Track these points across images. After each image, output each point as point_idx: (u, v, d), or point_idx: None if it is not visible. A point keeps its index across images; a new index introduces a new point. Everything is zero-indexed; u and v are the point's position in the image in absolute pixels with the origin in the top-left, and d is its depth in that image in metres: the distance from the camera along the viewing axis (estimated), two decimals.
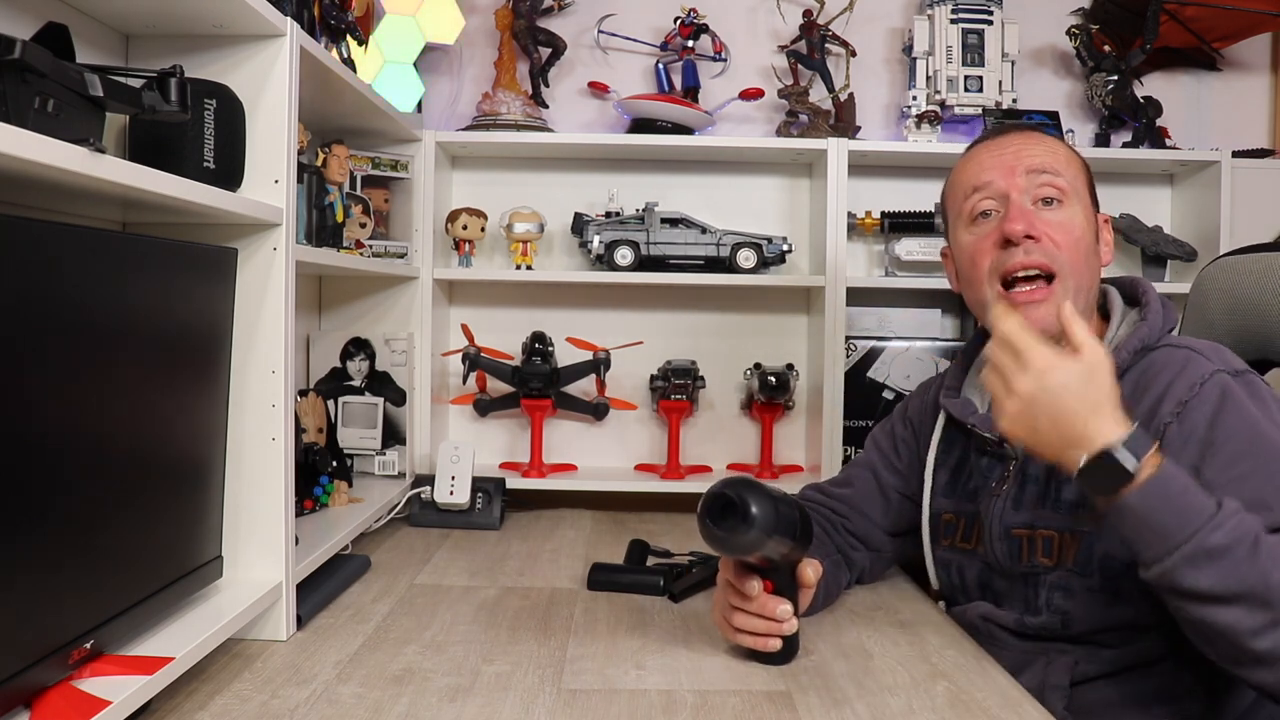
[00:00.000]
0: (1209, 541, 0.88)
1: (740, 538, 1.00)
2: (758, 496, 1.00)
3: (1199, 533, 0.89)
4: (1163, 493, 0.91)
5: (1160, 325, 1.14)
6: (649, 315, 2.17)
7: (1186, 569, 0.89)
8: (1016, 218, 1.13)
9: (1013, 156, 1.17)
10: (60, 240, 0.81)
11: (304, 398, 1.65)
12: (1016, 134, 1.21)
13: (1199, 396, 1.04)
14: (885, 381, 2.06)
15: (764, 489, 1.02)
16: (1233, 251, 1.37)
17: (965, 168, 1.22)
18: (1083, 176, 1.20)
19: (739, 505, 0.99)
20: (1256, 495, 0.96)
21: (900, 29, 2.23)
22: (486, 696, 1.01)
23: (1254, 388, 1.06)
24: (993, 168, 1.18)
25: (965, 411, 1.24)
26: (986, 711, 0.99)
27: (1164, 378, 1.08)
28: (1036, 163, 1.16)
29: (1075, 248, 1.14)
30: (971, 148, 1.25)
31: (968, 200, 1.19)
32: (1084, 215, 1.16)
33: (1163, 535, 0.90)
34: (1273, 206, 2.05)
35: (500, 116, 2.06)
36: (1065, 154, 1.19)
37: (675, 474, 2.04)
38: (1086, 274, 1.15)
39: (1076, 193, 1.17)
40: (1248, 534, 0.89)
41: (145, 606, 0.98)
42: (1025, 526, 1.15)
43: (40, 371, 0.79)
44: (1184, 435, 1.03)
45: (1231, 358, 1.10)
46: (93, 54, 1.12)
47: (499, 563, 1.57)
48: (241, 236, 1.17)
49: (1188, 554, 0.89)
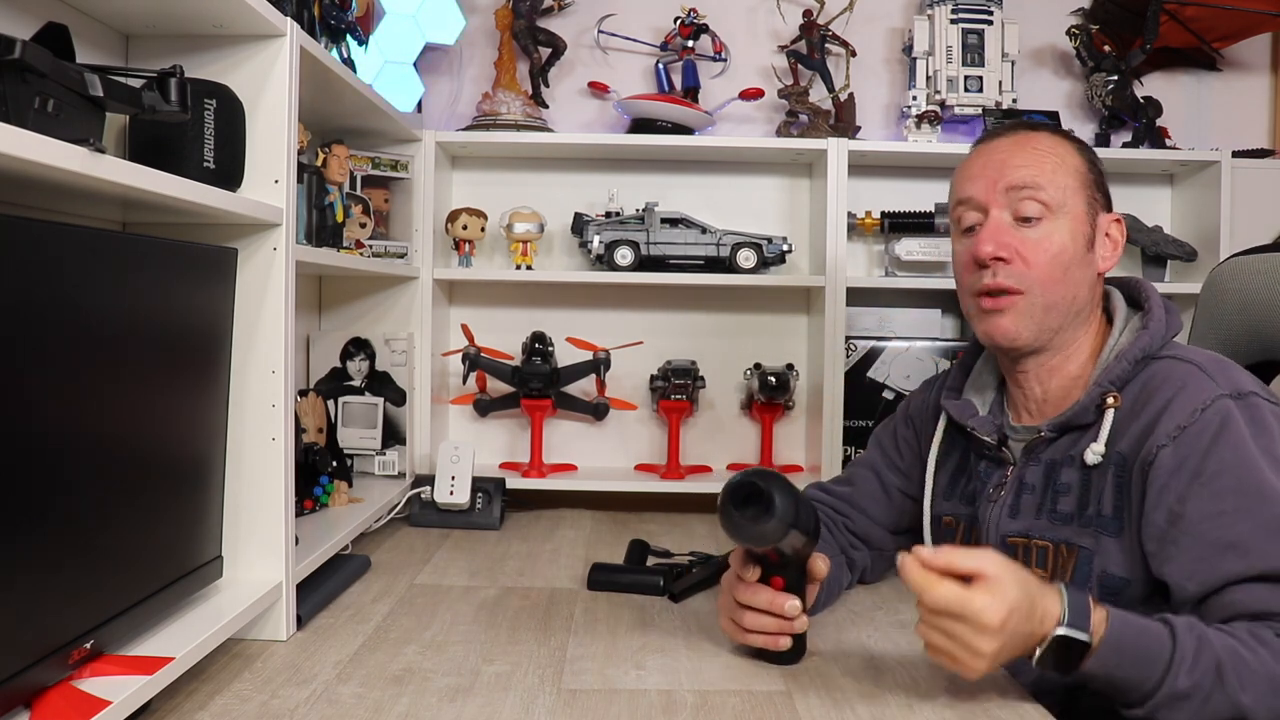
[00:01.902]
0: (1177, 688, 0.91)
1: (762, 527, 1.01)
2: (781, 487, 1.02)
3: (1164, 682, 0.91)
4: (1119, 651, 0.93)
5: (1163, 332, 1.12)
6: (649, 315, 2.17)
7: (1164, 713, 0.92)
8: (986, 239, 1.12)
9: (997, 169, 1.14)
10: (60, 240, 0.81)
11: (304, 398, 1.65)
12: (1009, 139, 1.17)
13: (1198, 423, 1.02)
14: (885, 381, 2.06)
15: (786, 481, 1.03)
16: (1244, 251, 1.37)
17: (959, 173, 1.20)
18: (1076, 179, 1.14)
19: (764, 494, 1.00)
20: (1234, 537, 0.97)
21: (900, 29, 2.23)
22: (486, 696, 1.01)
23: (1257, 413, 1.03)
24: (977, 178, 1.16)
25: (965, 414, 1.24)
26: (987, 711, 0.99)
27: (1164, 393, 1.06)
28: (1018, 178, 1.12)
29: (1050, 265, 1.11)
30: (972, 148, 1.23)
31: (955, 210, 1.19)
32: (1069, 228, 1.12)
33: (1134, 688, 0.93)
34: (1273, 206, 2.05)
35: (500, 116, 2.06)
36: (1055, 161, 1.14)
37: (675, 474, 2.04)
38: (1063, 288, 1.12)
39: (1064, 204, 1.12)
40: (1208, 664, 0.91)
41: (145, 606, 0.97)
42: (1021, 535, 1.14)
43: (40, 372, 0.79)
44: (1178, 460, 1.01)
45: (1237, 375, 1.07)
46: (93, 54, 1.12)
47: (499, 563, 1.57)
48: (241, 236, 1.17)
49: (1161, 701, 0.92)
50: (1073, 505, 1.10)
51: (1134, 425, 1.07)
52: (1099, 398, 1.10)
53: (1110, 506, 1.07)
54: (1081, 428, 1.12)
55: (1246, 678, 0.91)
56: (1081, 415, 1.11)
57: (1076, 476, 1.11)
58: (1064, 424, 1.13)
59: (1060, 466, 1.12)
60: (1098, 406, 1.10)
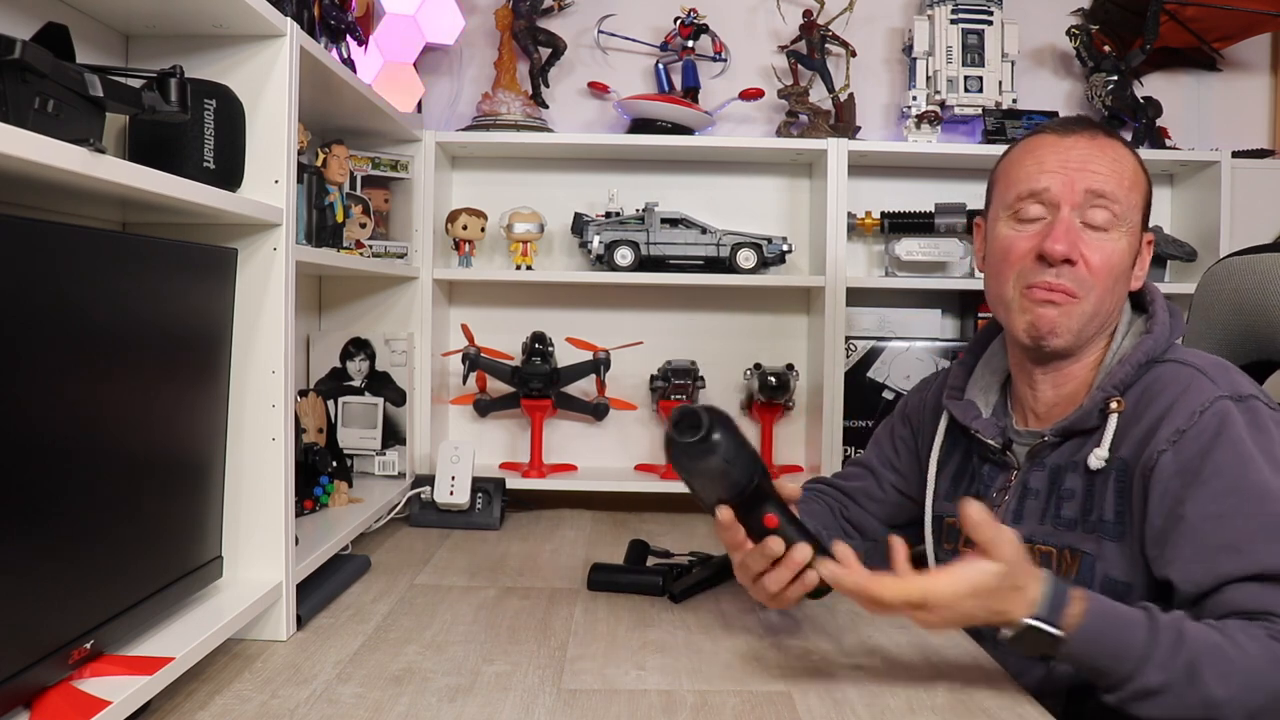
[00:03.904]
0: (1149, 683, 0.91)
1: (704, 449, 1.06)
2: (714, 413, 1.07)
3: (1136, 674, 0.91)
4: (1093, 642, 0.93)
5: (1166, 336, 1.12)
6: (649, 315, 2.17)
7: (1135, 705, 0.93)
8: (1060, 237, 1.09)
9: (1077, 168, 1.10)
10: (60, 240, 0.81)
11: (304, 398, 1.65)
12: (1086, 139, 1.12)
13: (1197, 426, 1.01)
14: (885, 381, 2.06)
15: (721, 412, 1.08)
16: (1238, 252, 1.36)
17: (1024, 159, 1.15)
18: (1140, 196, 1.14)
19: (698, 417, 1.06)
20: (1230, 538, 0.96)
21: (900, 29, 2.23)
22: (486, 696, 1.01)
23: (1256, 416, 1.03)
24: (1054, 172, 1.11)
25: (968, 415, 1.23)
26: (986, 711, 0.99)
27: (1165, 398, 1.05)
28: (1100, 185, 1.10)
29: (1108, 276, 1.10)
30: (1036, 135, 1.17)
31: (1020, 198, 1.13)
32: (1128, 243, 1.12)
33: (1106, 677, 0.94)
34: (1273, 206, 2.05)
35: (500, 116, 2.06)
36: (1131, 174, 1.12)
37: (675, 474, 2.03)
38: (1110, 300, 1.12)
39: (1128, 218, 1.11)
40: (1183, 664, 0.91)
41: (145, 606, 0.97)
42: (1024, 541, 1.14)
43: (40, 372, 0.79)
44: (1177, 464, 1.01)
45: (1238, 379, 1.06)
46: (93, 54, 1.12)
47: (499, 563, 1.57)
48: (241, 236, 1.17)
49: (1134, 692, 0.92)
50: (1076, 511, 1.10)
51: (1136, 429, 1.07)
52: (1102, 402, 1.10)
53: (1112, 511, 1.07)
54: (1085, 432, 1.12)
55: (1224, 672, 0.90)
56: (1085, 420, 1.11)
57: (1080, 482, 1.10)
58: (1068, 429, 1.13)
59: (1065, 472, 1.12)
60: (1101, 411, 1.10)
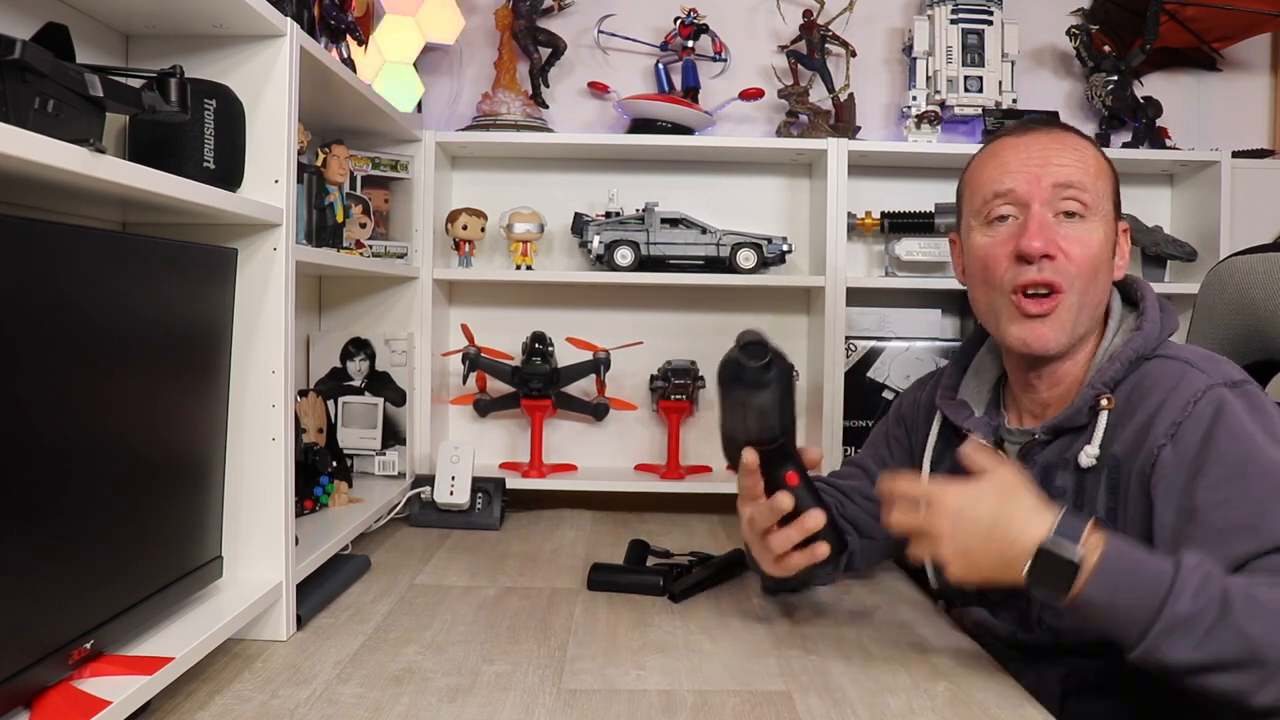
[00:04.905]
0: (1177, 611, 0.88)
1: (761, 377, 1.11)
2: (779, 352, 1.14)
3: (1165, 606, 0.89)
4: (1116, 572, 0.91)
5: (1157, 333, 1.11)
6: (649, 315, 2.17)
7: (1165, 645, 0.89)
8: (1035, 233, 1.09)
9: (1039, 164, 1.11)
10: (60, 240, 0.81)
11: (304, 398, 1.65)
12: (1044, 135, 1.14)
13: (1192, 416, 1.01)
14: (885, 381, 2.06)
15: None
16: (1242, 251, 1.36)
17: (986, 164, 1.16)
18: (1108, 184, 1.15)
19: (766, 346, 1.13)
20: (1243, 519, 0.95)
21: (900, 29, 2.23)
22: (486, 696, 1.01)
23: (1253, 399, 1.03)
24: (1018, 172, 1.12)
25: (960, 415, 1.23)
26: (986, 711, 0.99)
27: (1157, 394, 1.05)
28: (1064, 176, 1.10)
29: (1089, 263, 1.10)
30: (995, 141, 1.18)
31: (987, 203, 1.14)
32: (1103, 230, 1.12)
33: (1131, 618, 0.91)
34: (1273, 206, 2.05)
35: (500, 116, 2.06)
36: (1095, 163, 1.14)
37: (675, 474, 2.03)
38: (1095, 290, 1.12)
39: (1099, 206, 1.12)
40: (1213, 593, 0.89)
41: (145, 606, 0.98)
42: None
43: (40, 372, 0.79)
44: (1178, 457, 1.01)
45: (1229, 368, 1.06)
46: (93, 54, 1.12)
47: (499, 563, 1.57)
48: (241, 236, 1.17)
49: (1162, 629, 0.89)
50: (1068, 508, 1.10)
51: (1128, 426, 1.06)
52: (1092, 400, 1.10)
53: (1104, 508, 1.07)
54: (1075, 430, 1.12)
55: (1257, 610, 0.88)
56: (1075, 418, 1.11)
57: (1071, 480, 1.10)
58: (1057, 427, 1.13)
59: (1055, 470, 1.12)
60: (1091, 408, 1.10)
